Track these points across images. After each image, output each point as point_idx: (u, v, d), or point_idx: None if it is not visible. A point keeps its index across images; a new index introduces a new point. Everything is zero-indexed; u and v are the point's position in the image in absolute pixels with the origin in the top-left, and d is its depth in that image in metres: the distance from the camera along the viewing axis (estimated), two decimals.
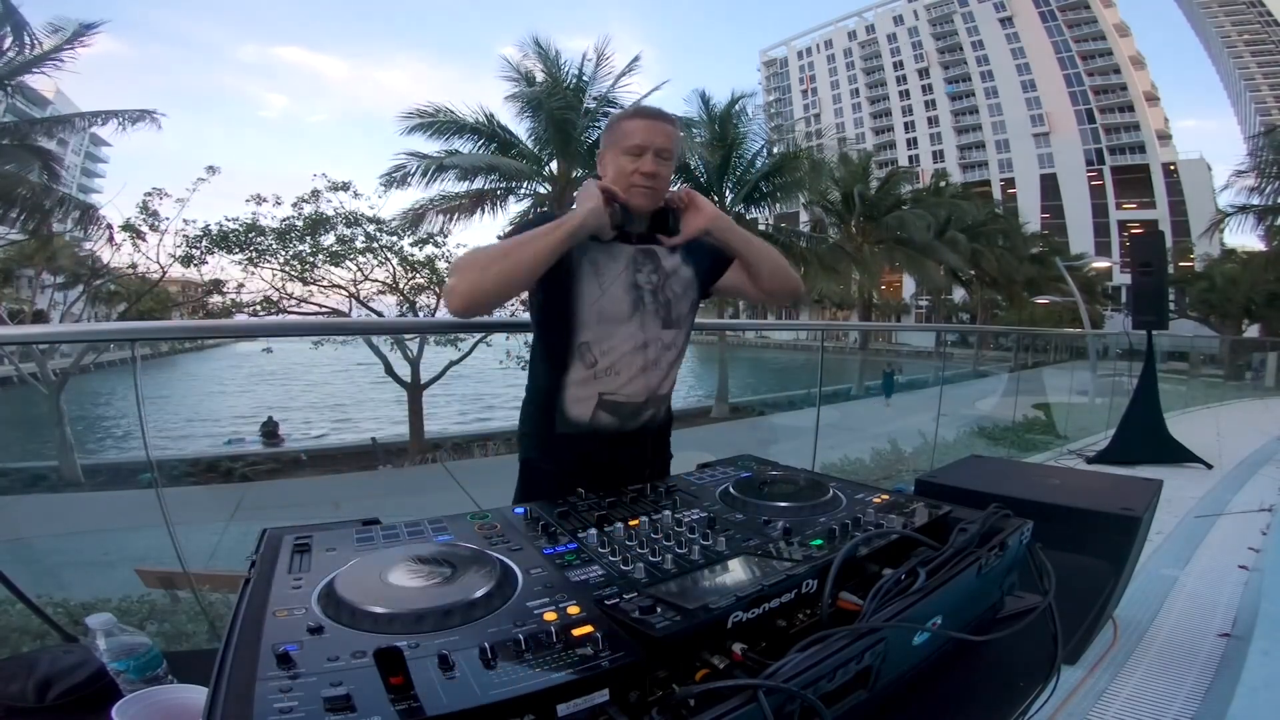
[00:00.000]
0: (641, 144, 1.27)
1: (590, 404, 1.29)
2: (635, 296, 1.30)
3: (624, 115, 1.33)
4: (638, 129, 1.28)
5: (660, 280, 1.34)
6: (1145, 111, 54.47)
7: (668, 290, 1.35)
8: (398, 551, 0.73)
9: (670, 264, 1.37)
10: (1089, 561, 1.81)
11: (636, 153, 1.27)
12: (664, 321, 1.34)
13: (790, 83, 76.80)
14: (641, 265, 1.33)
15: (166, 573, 2.77)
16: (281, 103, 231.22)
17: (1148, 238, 6.08)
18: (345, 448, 13.44)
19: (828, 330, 5.71)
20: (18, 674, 0.85)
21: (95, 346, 10.85)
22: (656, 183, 1.29)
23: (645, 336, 1.31)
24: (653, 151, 1.28)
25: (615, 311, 1.28)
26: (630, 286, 1.30)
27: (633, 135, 1.27)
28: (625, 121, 1.31)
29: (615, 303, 1.28)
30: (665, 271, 1.36)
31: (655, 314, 1.32)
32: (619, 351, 1.29)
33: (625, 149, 1.28)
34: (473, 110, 14.46)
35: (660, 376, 1.34)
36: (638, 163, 1.27)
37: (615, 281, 1.29)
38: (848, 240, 23.15)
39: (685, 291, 1.39)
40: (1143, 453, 4.89)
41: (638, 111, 1.33)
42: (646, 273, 1.33)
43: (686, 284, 1.39)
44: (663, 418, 1.40)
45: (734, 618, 0.63)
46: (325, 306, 12.20)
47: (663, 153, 1.29)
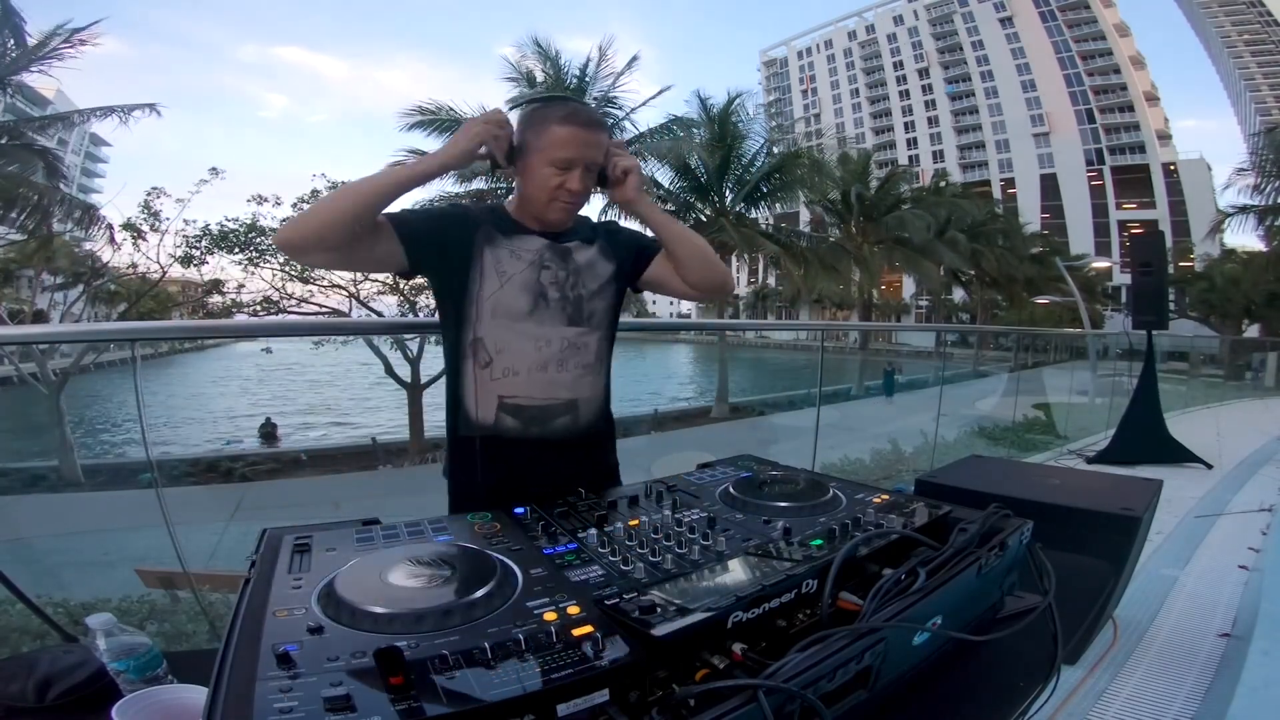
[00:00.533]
0: (572, 158, 1.15)
1: (491, 406, 1.19)
2: (536, 292, 1.20)
3: (555, 116, 1.15)
4: (571, 140, 1.14)
5: (569, 276, 1.24)
6: (1145, 111, 54.46)
7: (578, 287, 1.24)
8: (398, 551, 0.73)
9: (584, 258, 1.27)
10: (1089, 561, 1.81)
11: (564, 166, 1.15)
12: (569, 319, 1.23)
13: (790, 83, 76.78)
14: (549, 261, 1.23)
15: (166, 573, 2.77)
16: (281, 103, 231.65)
17: (1148, 238, 6.08)
18: (345, 448, 13.43)
19: (828, 330, 5.71)
20: (18, 674, 0.85)
21: (95, 346, 10.85)
22: (581, 200, 1.21)
23: (545, 333, 1.21)
24: (583, 167, 1.17)
25: (511, 306, 1.19)
26: (532, 282, 1.20)
27: (564, 146, 1.14)
28: (557, 126, 1.14)
29: (512, 297, 1.19)
30: (577, 266, 1.25)
31: (561, 310, 1.22)
32: (514, 350, 1.19)
33: (552, 160, 1.15)
34: (474, 109, 14.48)
35: (570, 378, 1.23)
36: (564, 178, 1.16)
37: (517, 275, 1.19)
38: (848, 240, 23.17)
39: (601, 288, 1.27)
40: (1143, 453, 4.89)
41: (571, 116, 1.15)
42: (555, 269, 1.23)
43: (603, 280, 1.28)
44: (587, 426, 1.26)
45: (734, 618, 0.63)
46: (325, 306, 12.20)
47: (592, 167, 1.19)
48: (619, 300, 1.33)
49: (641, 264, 1.33)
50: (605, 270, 1.29)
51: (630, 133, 15.44)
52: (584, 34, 66.28)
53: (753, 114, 17.46)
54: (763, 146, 17.63)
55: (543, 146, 1.15)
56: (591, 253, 1.28)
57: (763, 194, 17.70)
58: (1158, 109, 55.54)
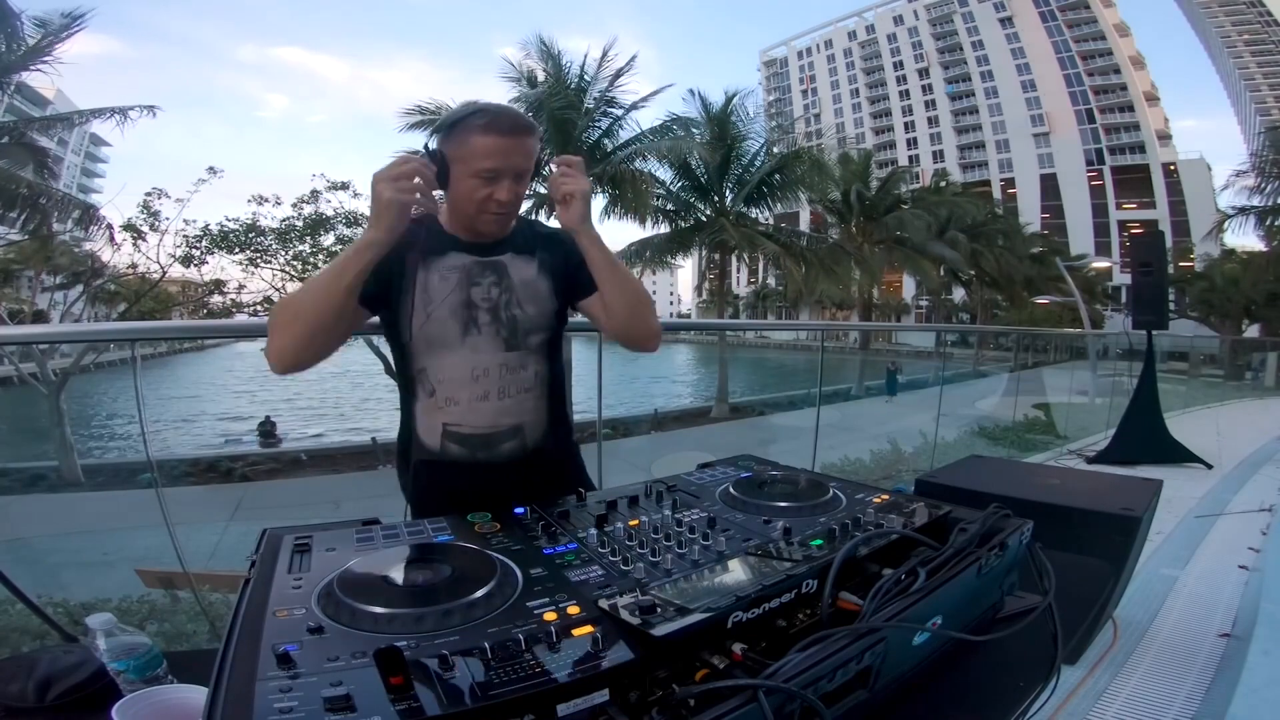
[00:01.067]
0: (497, 168, 1.08)
1: (437, 434, 1.16)
2: (467, 317, 1.14)
3: (475, 125, 1.07)
4: (493, 150, 1.06)
5: (502, 295, 1.17)
6: (1145, 111, 54.47)
7: (512, 307, 1.17)
8: (398, 551, 0.73)
9: (522, 275, 1.19)
10: (1089, 561, 1.81)
11: (489, 177, 1.08)
12: (505, 343, 1.17)
13: (790, 83, 76.80)
14: (480, 278, 1.16)
15: (166, 573, 2.77)
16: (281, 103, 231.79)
17: (1148, 238, 6.08)
18: (345, 448, 13.42)
19: (828, 330, 5.71)
20: (18, 674, 0.85)
21: (95, 346, 10.85)
22: (513, 208, 1.14)
23: (481, 361, 1.15)
24: (511, 176, 1.10)
25: (442, 335, 1.13)
26: (461, 305, 1.14)
27: (486, 156, 1.07)
28: (478, 137, 1.06)
29: (441, 325, 1.13)
30: (512, 284, 1.18)
31: (495, 335, 1.16)
32: (453, 379, 1.14)
33: (476, 171, 1.07)
34: None
35: (511, 404, 1.18)
36: (491, 189, 1.09)
37: (444, 301, 1.13)
38: (848, 240, 23.18)
39: (540, 309, 1.20)
40: (1143, 453, 4.89)
41: (491, 125, 1.06)
42: (486, 286, 1.16)
43: (541, 298, 1.20)
44: (536, 448, 1.21)
45: (734, 618, 0.63)
46: None
47: (522, 174, 1.11)
48: (560, 320, 1.25)
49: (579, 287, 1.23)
50: (543, 287, 1.21)
51: (630, 132, 15.46)
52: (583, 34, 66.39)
53: (753, 114, 17.46)
54: (763, 146, 17.65)
55: (464, 158, 1.08)
56: (528, 268, 1.20)
57: (763, 194, 17.70)
58: (1158, 109, 55.57)
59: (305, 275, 11.82)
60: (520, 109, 4.97)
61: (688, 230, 17.58)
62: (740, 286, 50.59)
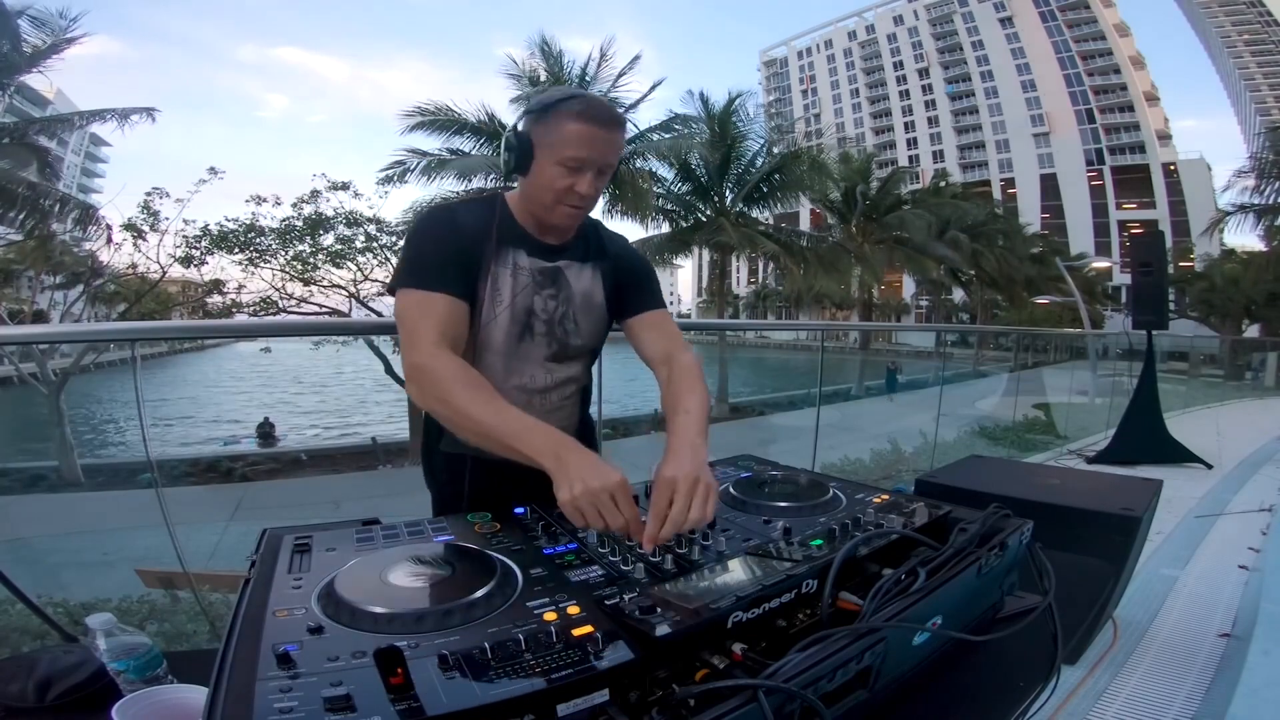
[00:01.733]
0: (584, 159, 1.04)
1: None
2: (524, 325, 1.13)
3: (566, 111, 1.03)
4: (584, 138, 1.03)
5: (561, 307, 1.16)
6: (1145, 111, 54.49)
7: (567, 322, 1.17)
8: (398, 551, 0.73)
9: (579, 285, 1.18)
10: (1089, 561, 1.81)
11: (574, 166, 1.04)
12: (554, 355, 1.17)
13: (790, 83, 76.81)
14: (544, 286, 1.14)
15: (166, 573, 2.77)
16: (281, 103, 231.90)
17: (1148, 238, 6.08)
18: (345, 448, 13.43)
19: (828, 330, 5.71)
20: (18, 674, 0.85)
21: (95, 346, 10.85)
22: (590, 204, 1.10)
23: (527, 369, 1.15)
24: (596, 170, 1.06)
25: (498, 338, 1.13)
26: (523, 312, 1.13)
27: (576, 145, 1.03)
28: (570, 123, 1.02)
29: (500, 328, 1.12)
30: (572, 295, 1.17)
31: (545, 346, 1.16)
32: (499, 383, 1.12)
33: (562, 159, 1.04)
34: (475, 108, 14.49)
35: (551, 412, 1.19)
36: (574, 180, 1.05)
37: (509, 304, 1.12)
38: (849, 239, 23.18)
39: (594, 323, 1.20)
40: (1143, 453, 4.89)
41: (586, 112, 1.03)
42: (545, 297, 1.14)
43: (597, 312, 1.20)
44: None
45: (734, 618, 0.63)
46: (325, 306, 12.21)
47: (605, 169, 1.07)
48: (606, 333, 1.25)
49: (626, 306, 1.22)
50: (598, 301, 1.20)
51: (630, 131, 15.44)
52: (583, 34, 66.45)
53: (753, 114, 17.46)
54: (763, 146, 17.65)
55: (552, 143, 1.04)
56: (586, 279, 1.19)
57: (763, 194, 17.71)
58: (1158, 109, 55.58)
59: (305, 275, 11.83)
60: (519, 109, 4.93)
61: (688, 230, 17.59)
62: (740, 286, 50.61)
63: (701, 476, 0.84)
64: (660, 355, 1.19)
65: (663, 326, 1.23)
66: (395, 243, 12.37)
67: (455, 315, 1.06)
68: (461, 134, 14.53)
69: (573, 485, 0.80)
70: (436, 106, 14.15)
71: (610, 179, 1.14)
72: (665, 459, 0.91)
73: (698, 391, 1.09)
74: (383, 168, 13.85)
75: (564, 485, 0.81)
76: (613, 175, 1.13)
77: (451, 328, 1.04)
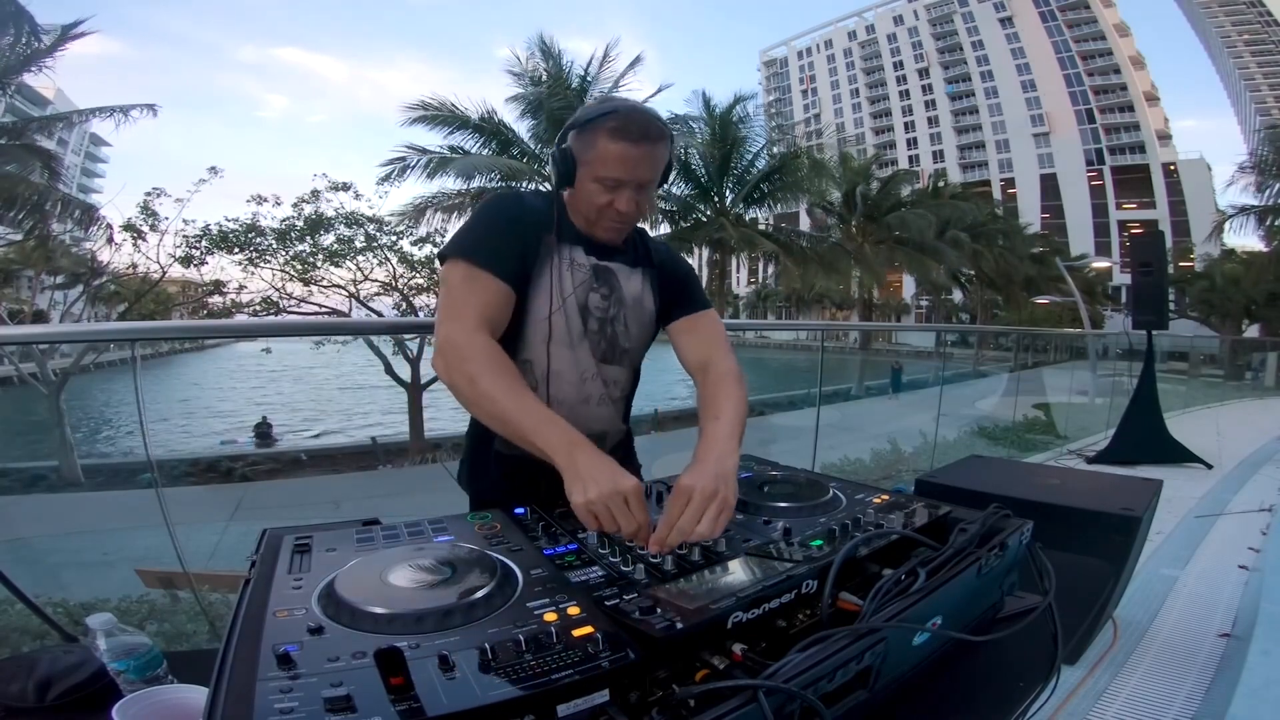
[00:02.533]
0: (620, 179, 1.04)
1: None
2: (581, 323, 1.13)
3: (601, 128, 1.02)
4: (617, 157, 1.02)
5: (613, 309, 1.16)
6: (1145, 111, 54.50)
7: (617, 324, 1.17)
8: (398, 552, 0.73)
9: (630, 290, 1.18)
10: (1089, 561, 1.81)
11: (611, 186, 1.05)
12: (604, 355, 1.17)
13: (790, 83, 76.83)
14: (597, 285, 1.14)
15: (166, 573, 2.77)
16: (281, 103, 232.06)
17: (1148, 238, 6.08)
18: (345, 448, 13.42)
19: (828, 330, 5.71)
20: (18, 674, 0.85)
21: (95, 346, 10.85)
22: (632, 220, 1.11)
23: (585, 367, 1.15)
24: (633, 188, 1.06)
25: (564, 332, 1.12)
26: (579, 310, 1.13)
27: (610, 165, 1.03)
28: (605, 141, 1.02)
29: (559, 326, 1.11)
30: (623, 299, 1.17)
31: (597, 344, 1.16)
32: (562, 379, 1.13)
33: (598, 177, 1.04)
34: (477, 105, 14.49)
35: (602, 412, 1.19)
36: (612, 197, 1.06)
37: (566, 300, 1.12)
38: (848, 240, 23.18)
39: (642, 327, 1.21)
40: (1143, 453, 4.90)
41: (619, 130, 1.01)
42: (600, 296, 1.15)
43: (646, 316, 1.21)
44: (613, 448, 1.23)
45: (734, 618, 0.63)
46: (325, 306, 12.20)
47: (645, 184, 1.07)
48: (651, 340, 1.26)
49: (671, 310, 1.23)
50: (649, 306, 1.21)
51: None
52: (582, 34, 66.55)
53: (753, 114, 17.46)
54: (763, 147, 17.66)
55: (589, 161, 1.05)
56: (636, 283, 1.19)
57: (763, 194, 17.71)
58: (1158, 109, 55.59)
59: (305, 275, 11.82)
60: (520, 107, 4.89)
61: (687, 230, 17.60)
62: (740, 286, 50.59)
63: (721, 490, 0.82)
64: (698, 363, 1.18)
65: (704, 330, 1.22)
66: (395, 242, 12.37)
67: (500, 300, 1.05)
68: (464, 130, 14.53)
69: (587, 488, 0.80)
70: (439, 102, 14.14)
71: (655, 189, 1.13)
72: (690, 466, 0.90)
73: (734, 398, 1.07)
74: (383, 163, 13.86)
75: (577, 488, 0.81)
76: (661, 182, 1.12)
77: (494, 311, 1.04)
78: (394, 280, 12.32)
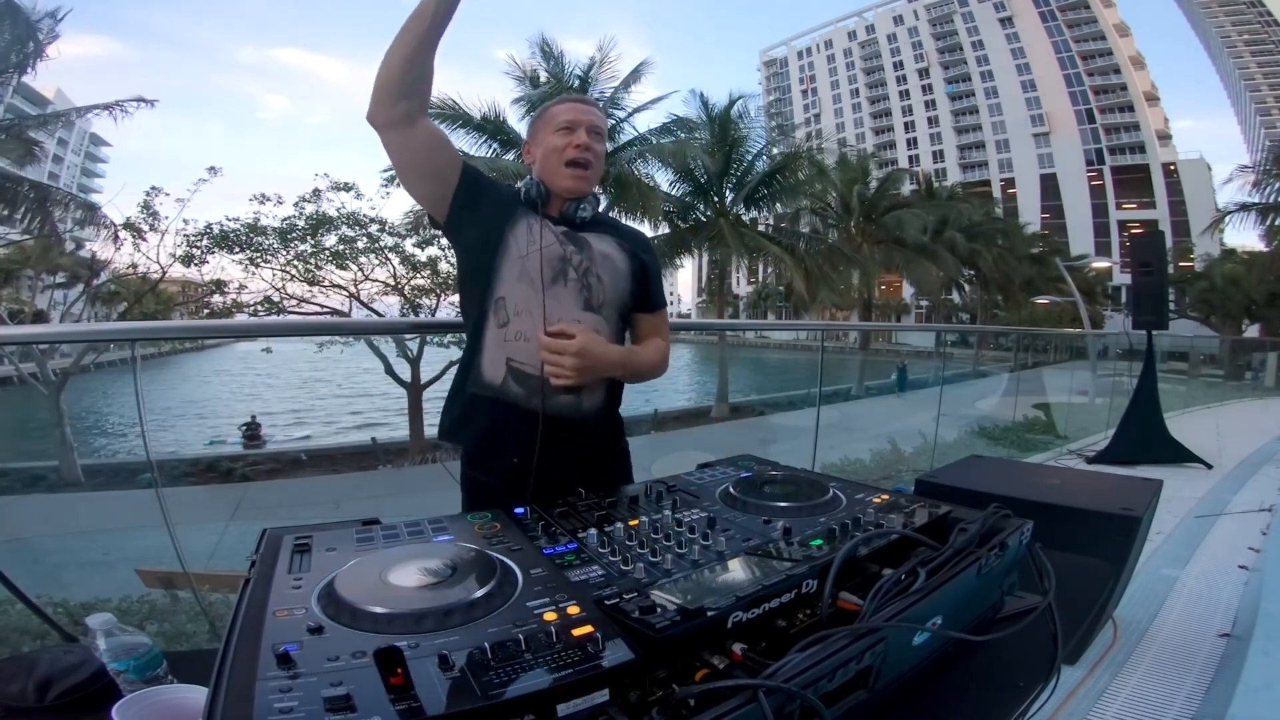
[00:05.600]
0: (573, 120, 1.28)
1: (501, 367, 1.22)
2: (559, 268, 1.24)
3: (554, 101, 1.34)
4: (567, 109, 1.30)
5: (586, 262, 1.27)
6: (1145, 111, 54.45)
7: (591, 275, 1.27)
8: (398, 551, 0.73)
9: (601, 247, 1.31)
10: (1089, 561, 1.81)
11: (568, 129, 1.28)
12: (584, 303, 1.26)
13: (790, 83, 76.78)
14: (567, 244, 1.27)
15: (166, 573, 2.78)
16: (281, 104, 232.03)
17: (1148, 238, 6.08)
18: (345, 448, 13.43)
19: (828, 330, 5.71)
20: (18, 674, 0.85)
21: (95, 346, 10.85)
22: (590, 158, 1.28)
23: (558, 311, 1.22)
24: (585, 128, 1.28)
25: (534, 272, 1.22)
26: (555, 258, 1.24)
27: (563, 114, 1.29)
28: (553, 106, 1.32)
29: (538, 265, 1.22)
30: (593, 255, 1.29)
31: (577, 293, 1.25)
32: (530, 315, 1.21)
33: (556, 128, 1.28)
34: (481, 103, 14.49)
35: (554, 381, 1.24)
36: (570, 138, 1.27)
37: (539, 248, 1.23)
38: (847, 241, 23.17)
39: (615, 280, 1.30)
40: (1143, 453, 4.89)
41: (564, 97, 1.35)
42: (571, 251, 1.27)
43: (619, 274, 1.31)
44: (591, 412, 1.27)
45: (734, 618, 0.63)
46: (326, 307, 12.20)
47: (595, 131, 1.30)
48: (631, 298, 1.34)
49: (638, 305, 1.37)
50: (620, 264, 1.31)
51: (630, 134, 15.46)
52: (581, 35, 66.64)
53: (753, 115, 17.45)
54: (763, 148, 17.64)
55: (546, 122, 1.30)
56: (608, 244, 1.32)
57: (763, 195, 17.69)
58: (1158, 109, 55.54)
59: (307, 275, 11.81)
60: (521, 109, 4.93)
61: (687, 231, 17.59)
62: (740, 286, 50.56)
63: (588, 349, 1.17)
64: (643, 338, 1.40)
65: (657, 327, 1.41)
66: (397, 244, 12.36)
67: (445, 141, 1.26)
68: (466, 128, 14.52)
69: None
70: (441, 100, 14.13)
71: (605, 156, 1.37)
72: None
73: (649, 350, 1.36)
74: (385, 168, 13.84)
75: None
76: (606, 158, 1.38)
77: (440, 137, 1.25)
78: (395, 281, 12.32)
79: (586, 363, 1.18)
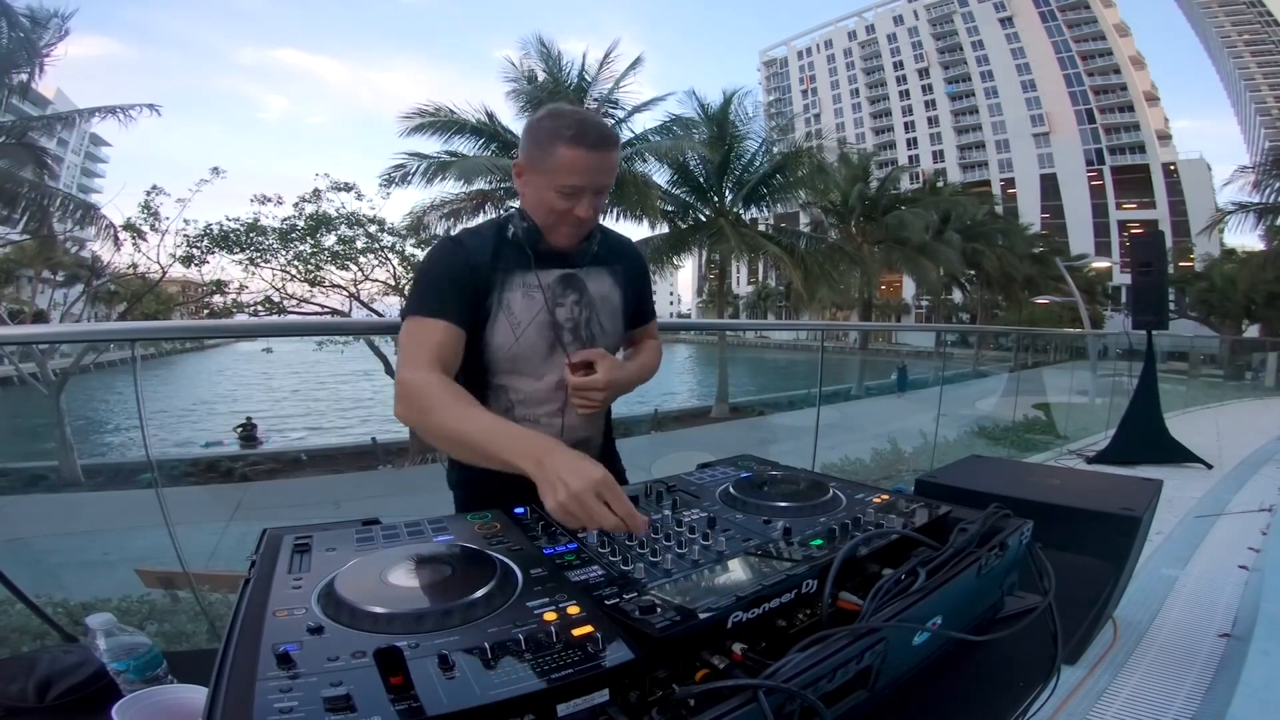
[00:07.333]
0: (579, 186, 1.07)
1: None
2: (553, 337, 1.18)
3: (559, 136, 1.05)
4: (577, 165, 1.05)
5: (583, 313, 1.21)
6: (1145, 111, 54.49)
7: (592, 325, 1.22)
8: (398, 551, 0.73)
9: (599, 289, 1.23)
10: (1089, 561, 1.81)
11: (570, 194, 1.07)
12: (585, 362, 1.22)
13: (790, 83, 76.81)
14: (563, 297, 1.19)
15: (166, 573, 2.78)
16: (281, 104, 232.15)
17: (1148, 238, 6.08)
18: (345, 448, 13.43)
19: (828, 330, 5.71)
20: (18, 674, 0.85)
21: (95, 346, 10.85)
22: (591, 224, 1.15)
23: (561, 379, 1.19)
24: (592, 193, 1.09)
25: (530, 355, 1.16)
26: (547, 326, 1.17)
27: (570, 173, 1.05)
28: (562, 148, 1.04)
29: (529, 347, 1.16)
30: (592, 300, 1.22)
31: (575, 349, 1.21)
32: (533, 398, 1.19)
33: (557, 186, 1.07)
34: (474, 109, 14.49)
35: (584, 419, 1.24)
36: (571, 204, 1.08)
37: (531, 323, 1.15)
38: (847, 241, 23.17)
39: (615, 326, 1.26)
40: (1143, 453, 4.89)
41: (578, 137, 1.04)
42: (569, 305, 1.19)
43: (617, 315, 1.26)
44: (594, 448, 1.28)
45: (734, 618, 0.63)
46: (326, 307, 12.20)
47: (602, 190, 1.11)
48: (628, 325, 1.31)
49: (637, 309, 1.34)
50: (616, 300, 1.26)
51: (629, 134, 15.43)
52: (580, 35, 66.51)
53: (752, 113, 17.43)
54: (762, 147, 17.62)
55: (548, 170, 1.07)
56: (605, 281, 1.25)
57: (763, 195, 17.68)
58: (1158, 109, 55.58)
59: (307, 275, 11.81)
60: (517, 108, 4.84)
61: (687, 231, 17.58)
62: (740, 286, 50.60)
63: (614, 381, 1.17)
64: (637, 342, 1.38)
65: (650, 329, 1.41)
66: (396, 243, 12.37)
67: (451, 341, 1.08)
68: (462, 134, 14.54)
69: (556, 490, 0.78)
70: (436, 108, 14.16)
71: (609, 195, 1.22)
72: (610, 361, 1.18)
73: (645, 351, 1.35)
74: (383, 172, 13.87)
75: (548, 492, 0.80)
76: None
77: (446, 351, 1.07)
78: (395, 281, 12.32)
79: (613, 392, 1.21)
